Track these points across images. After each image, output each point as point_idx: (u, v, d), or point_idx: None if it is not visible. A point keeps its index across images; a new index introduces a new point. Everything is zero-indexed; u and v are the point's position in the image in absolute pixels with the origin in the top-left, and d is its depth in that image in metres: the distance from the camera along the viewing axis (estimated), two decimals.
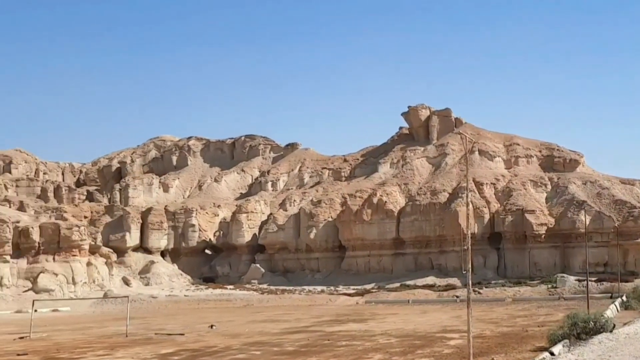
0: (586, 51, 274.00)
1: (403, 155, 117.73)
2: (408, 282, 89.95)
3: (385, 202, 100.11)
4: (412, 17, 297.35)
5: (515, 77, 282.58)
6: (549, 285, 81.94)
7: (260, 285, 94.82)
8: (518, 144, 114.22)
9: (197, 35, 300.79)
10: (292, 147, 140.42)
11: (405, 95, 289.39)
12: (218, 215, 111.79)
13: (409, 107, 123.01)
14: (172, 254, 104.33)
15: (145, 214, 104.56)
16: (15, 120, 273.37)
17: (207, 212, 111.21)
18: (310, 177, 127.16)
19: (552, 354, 27.79)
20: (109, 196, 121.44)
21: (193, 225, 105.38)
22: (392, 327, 47.06)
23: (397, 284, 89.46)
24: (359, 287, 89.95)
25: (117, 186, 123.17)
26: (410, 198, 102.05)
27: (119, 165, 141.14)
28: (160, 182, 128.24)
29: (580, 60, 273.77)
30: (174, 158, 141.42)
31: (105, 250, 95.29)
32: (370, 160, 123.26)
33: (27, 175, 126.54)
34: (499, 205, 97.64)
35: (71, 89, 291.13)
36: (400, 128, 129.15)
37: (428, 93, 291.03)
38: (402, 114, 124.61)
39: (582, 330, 32.08)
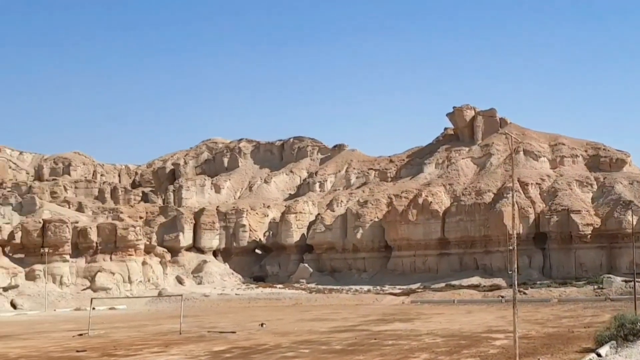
0: (631, 50, 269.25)
1: (448, 156, 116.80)
2: (453, 282, 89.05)
3: (431, 202, 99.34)
4: (457, 18, 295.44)
5: (560, 76, 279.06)
6: (595, 286, 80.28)
7: (309, 285, 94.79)
8: (563, 144, 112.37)
9: (247, 37, 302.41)
10: (339, 148, 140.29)
11: (450, 95, 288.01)
12: (267, 215, 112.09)
13: (453, 107, 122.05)
14: (224, 254, 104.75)
15: (197, 214, 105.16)
16: (74, 124, 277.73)
17: (257, 213, 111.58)
18: (357, 177, 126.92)
19: (599, 355, 27.26)
20: (163, 197, 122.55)
21: (244, 226, 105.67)
22: (437, 326, 46.61)
23: (443, 284, 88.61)
24: (405, 286, 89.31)
25: (171, 187, 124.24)
26: (455, 198, 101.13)
27: (172, 167, 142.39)
28: (212, 183, 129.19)
29: (626, 59, 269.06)
30: (225, 160, 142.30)
31: (159, 249, 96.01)
32: (415, 160, 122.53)
33: (86, 177, 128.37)
34: (544, 205, 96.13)
35: (127, 93, 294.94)
36: (445, 129, 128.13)
37: (473, 93, 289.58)
38: (447, 115, 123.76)
39: (629, 332, 31.23)
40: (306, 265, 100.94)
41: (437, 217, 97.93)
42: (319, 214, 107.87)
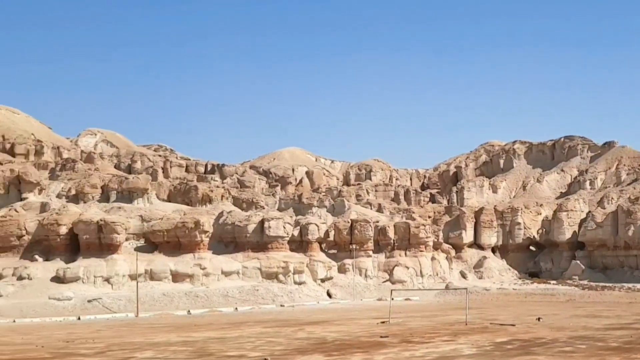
0: None
1: None
2: None
3: None
4: None
5: None
6: None
7: (581, 282, 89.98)
8: None
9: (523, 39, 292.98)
10: (608, 145, 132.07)
11: None
12: (540, 213, 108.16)
13: None
14: (501, 250, 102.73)
15: (477, 213, 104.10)
16: (373, 134, 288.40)
17: (530, 211, 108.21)
18: (628, 174, 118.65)
19: None
20: (447, 198, 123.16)
21: (519, 224, 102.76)
22: None
23: None
24: None
25: (454, 189, 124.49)
26: None
27: (455, 169, 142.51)
28: (489, 184, 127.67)
29: None
30: (501, 161, 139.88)
31: (445, 246, 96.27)
32: None
33: (383, 181, 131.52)
34: None
35: (411, 104, 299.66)
36: None
37: None
38: None
39: None
40: (578, 262, 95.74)
41: None
42: (589, 211, 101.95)
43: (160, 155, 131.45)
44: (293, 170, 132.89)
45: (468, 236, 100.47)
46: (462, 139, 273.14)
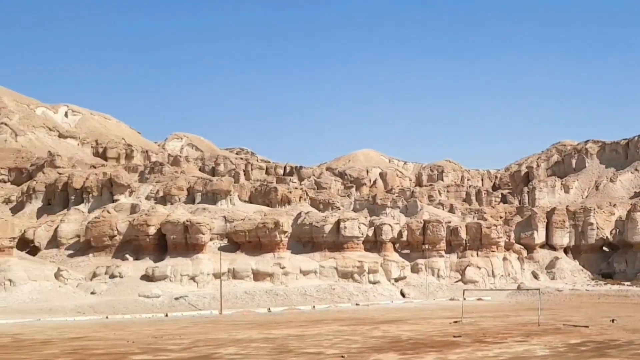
0: None
1: None
2: None
3: None
4: None
5: None
6: None
7: None
8: None
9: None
10: None
11: None
12: (614, 214, 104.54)
13: None
14: (573, 251, 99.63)
15: (549, 213, 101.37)
16: (445, 135, 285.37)
17: (603, 211, 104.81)
18: None
19: None
20: (519, 198, 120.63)
21: (591, 224, 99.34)
22: None
23: None
24: None
25: (525, 189, 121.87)
26: None
27: (526, 170, 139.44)
28: (561, 184, 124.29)
29: None
30: (573, 161, 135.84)
31: (517, 246, 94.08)
32: None
33: (455, 182, 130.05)
34: None
35: (483, 103, 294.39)
36: None
37: None
38: None
39: None
40: None
41: None
42: None
43: (242, 158, 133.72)
44: (367, 171, 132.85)
45: (540, 237, 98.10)
46: (533, 139, 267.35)
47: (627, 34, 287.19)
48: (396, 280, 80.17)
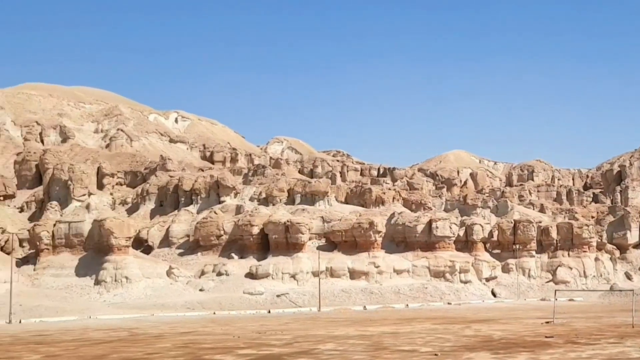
0: None
1: None
2: None
3: None
4: None
5: None
6: None
7: None
8: None
9: None
10: None
11: None
12: None
13: None
14: None
15: None
16: (535, 135, 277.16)
17: None
18: None
19: None
20: (611, 197, 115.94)
21: None
22: None
23: None
24: None
25: (618, 188, 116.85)
26: None
27: (619, 168, 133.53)
28: None
29: None
30: None
31: (609, 247, 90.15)
32: None
33: (545, 182, 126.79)
34: None
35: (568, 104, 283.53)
36: None
37: None
38: None
39: None
40: None
41: None
42: None
43: (338, 160, 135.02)
44: (458, 172, 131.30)
45: (633, 236, 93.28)
46: (626, 137, 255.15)
47: None
48: (487, 280, 78.93)
